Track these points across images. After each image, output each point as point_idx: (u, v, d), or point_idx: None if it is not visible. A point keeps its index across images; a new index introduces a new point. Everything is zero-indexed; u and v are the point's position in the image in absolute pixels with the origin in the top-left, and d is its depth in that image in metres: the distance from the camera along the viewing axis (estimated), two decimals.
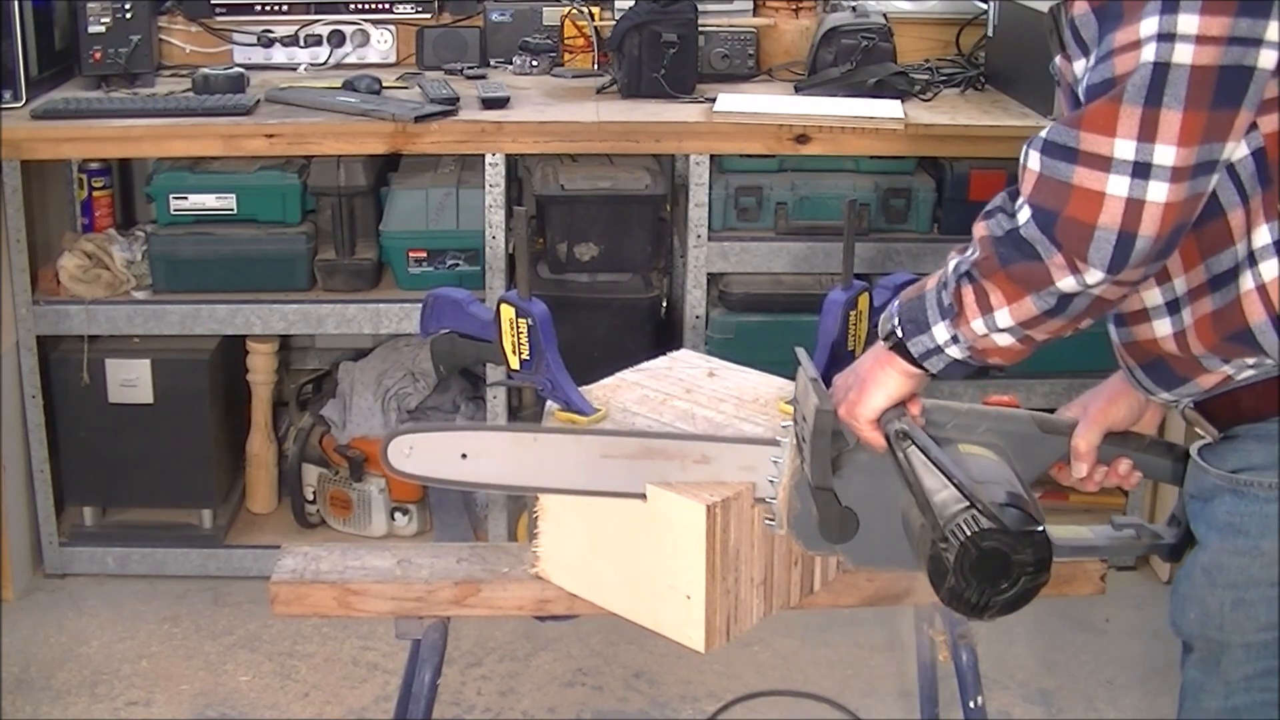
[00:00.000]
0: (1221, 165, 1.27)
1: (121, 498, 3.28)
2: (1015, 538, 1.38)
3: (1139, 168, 1.24)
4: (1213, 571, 1.45)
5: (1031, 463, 1.58)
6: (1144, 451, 1.61)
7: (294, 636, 2.99)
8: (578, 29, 3.50)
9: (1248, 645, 1.44)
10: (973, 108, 3.16)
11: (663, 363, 2.06)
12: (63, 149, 3.04)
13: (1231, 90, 1.23)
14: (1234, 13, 1.21)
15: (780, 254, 3.10)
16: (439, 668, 1.86)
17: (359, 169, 3.10)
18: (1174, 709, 1.56)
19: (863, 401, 1.52)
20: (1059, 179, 1.28)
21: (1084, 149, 1.26)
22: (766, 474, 1.69)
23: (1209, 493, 1.46)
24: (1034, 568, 1.39)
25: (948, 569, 1.39)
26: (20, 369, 3.08)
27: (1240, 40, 1.21)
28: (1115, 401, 1.61)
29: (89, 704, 2.76)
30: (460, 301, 1.95)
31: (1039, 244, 1.31)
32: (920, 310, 1.44)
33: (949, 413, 1.56)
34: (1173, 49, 1.22)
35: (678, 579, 1.71)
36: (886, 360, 1.50)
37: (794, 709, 2.78)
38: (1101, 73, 1.27)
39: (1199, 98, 1.22)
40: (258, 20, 3.47)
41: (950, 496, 1.40)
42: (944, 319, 1.42)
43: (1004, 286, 1.36)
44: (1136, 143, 1.23)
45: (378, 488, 3.29)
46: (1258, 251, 1.34)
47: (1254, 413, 1.41)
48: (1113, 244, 1.26)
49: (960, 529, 1.38)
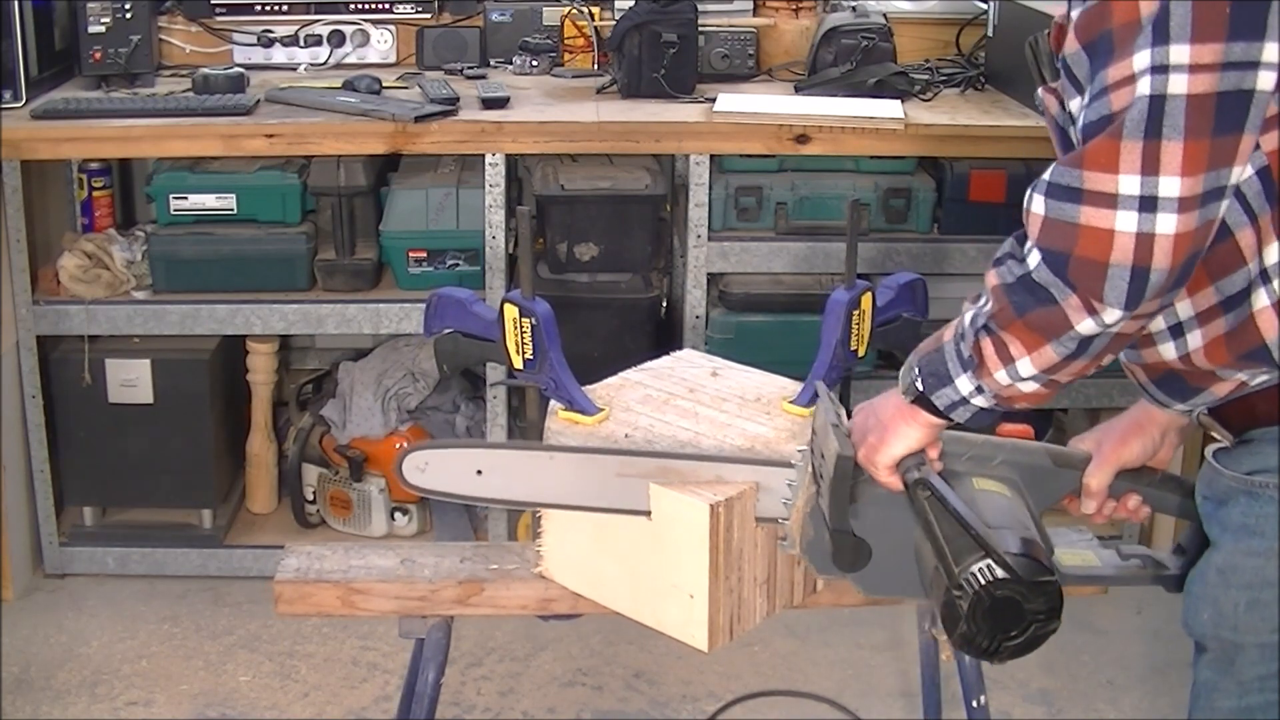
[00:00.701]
0: (1230, 190, 1.26)
1: (121, 498, 3.27)
2: (1028, 587, 1.41)
3: (1146, 201, 1.23)
4: (1227, 572, 1.45)
5: (1044, 495, 1.60)
6: (1155, 488, 1.63)
7: (294, 636, 2.99)
8: (578, 29, 3.50)
9: (1262, 645, 1.44)
10: (973, 108, 3.16)
11: (666, 362, 2.06)
12: (63, 149, 3.04)
13: (1232, 115, 1.22)
14: (1225, 38, 1.20)
15: (780, 254, 3.10)
16: (442, 667, 1.86)
17: (359, 169, 3.10)
18: (1174, 709, 1.56)
19: (883, 449, 1.52)
20: (1066, 220, 1.27)
21: (1088, 188, 1.25)
22: (780, 494, 1.70)
23: (1224, 495, 1.46)
24: (1045, 615, 1.42)
25: (961, 615, 1.41)
26: (20, 369, 3.08)
27: (1236, 65, 1.21)
28: (1128, 441, 1.62)
29: (89, 704, 2.76)
30: (464, 301, 1.96)
31: (1053, 287, 1.30)
32: (940, 363, 1.43)
33: (965, 444, 1.57)
34: (1167, 80, 1.21)
35: (681, 578, 1.72)
36: (910, 414, 1.49)
37: (794, 709, 2.79)
38: (1098, 109, 1.26)
39: (1199, 126, 1.22)
40: (258, 20, 3.47)
41: (965, 545, 1.43)
42: (966, 371, 1.41)
43: (1023, 336, 1.35)
44: (1141, 177, 1.23)
45: (378, 488, 3.29)
46: (1270, 269, 1.34)
47: (1269, 417, 1.41)
48: (1127, 280, 1.25)
49: (975, 578, 1.40)
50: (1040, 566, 1.42)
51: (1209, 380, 1.44)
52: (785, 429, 1.84)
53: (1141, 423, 1.62)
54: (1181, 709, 1.62)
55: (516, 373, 1.91)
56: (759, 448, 1.78)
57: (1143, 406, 1.62)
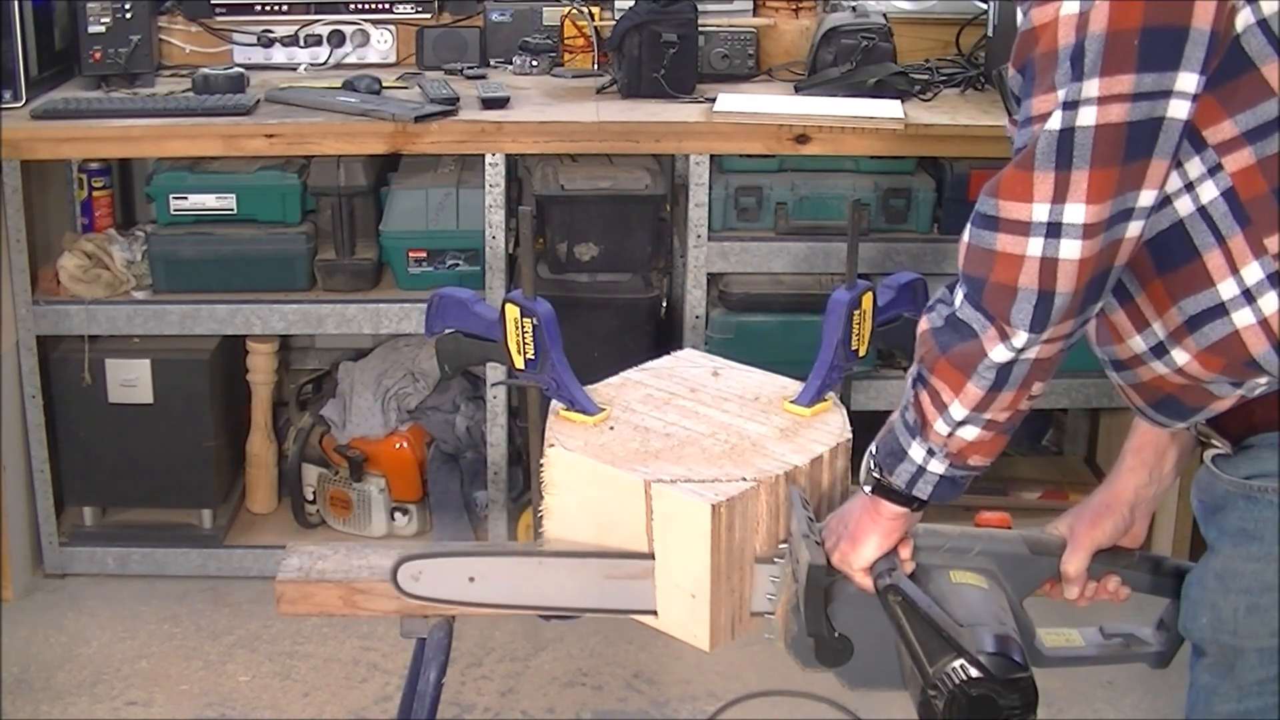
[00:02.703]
0: (1141, 211, 1.29)
1: (121, 498, 3.27)
2: (1003, 684, 1.44)
3: (1052, 228, 1.28)
4: (1225, 577, 1.45)
5: (1023, 583, 1.63)
6: (1132, 569, 1.66)
7: (294, 636, 2.99)
8: (578, 29, 3.50)
9: (1261, 650, 1.44)
10: (973, 108, 3.16)
11: (666, 362, 2.06)
12: (63, 149, 3.04)
13: (1142, 142, 1.26)
14: (1135, 69, 1.24)
15: (780, 254, 3.10)
16: (444, 667, 1.86)
17: (359, 169, 3.10)
18: (1173, 710, 1.57)
19: (855, 553, 1.55)
20: (984, 247, 1.33)
21: (1004, 216, 1.31)
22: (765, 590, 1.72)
23: (1222, 499, 1.45)
24: (1021, 710, 1.46)
25: (936, 714, 1.45)
26: (20, 369, 3.08)
27: (1147, 95, 1.24)
28: (1099, 523, 1.65)
29: (89, 704, 2.76)
30: (465, 301, 1.96)
31: (974, 321, 1.35)
32: (893, 440, 1.48)
33: (941, 536, 1.60)
34: (1076, 114, 1.25)
35: (683, 578, 1.72)
36: (873, 509, 1.53)
37: (794, 709, 2.78)
38: (1024, 138, 1.31)
39: (1108, 155, 1.25)
40: (258, 20, 3.47)
41: (939, 645, 1.46)
42: (915, 437, 1.45)
43: (947, 376, 1.39)
44: (1050, 205, 1.28)
45: (377, 488, 3.29)
46: (1252, 288, 1.35)
47: (1267, 424, 1.41)
48: (1033, 303, 1.30)
49: (948, 678, 1.44)
50: (1013, 664, 1.45)
51: (1206, 398, 1.44)
52: (785, 429, 1.85)
53: (1110, 503, 1.65)
54: (1181, 710, 1.62)
55: (518, 372, 1.92)
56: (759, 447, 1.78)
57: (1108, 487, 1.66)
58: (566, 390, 1.88)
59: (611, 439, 1.82)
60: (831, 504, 1.81)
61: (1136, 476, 1.64)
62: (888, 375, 3.15)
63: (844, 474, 1.86)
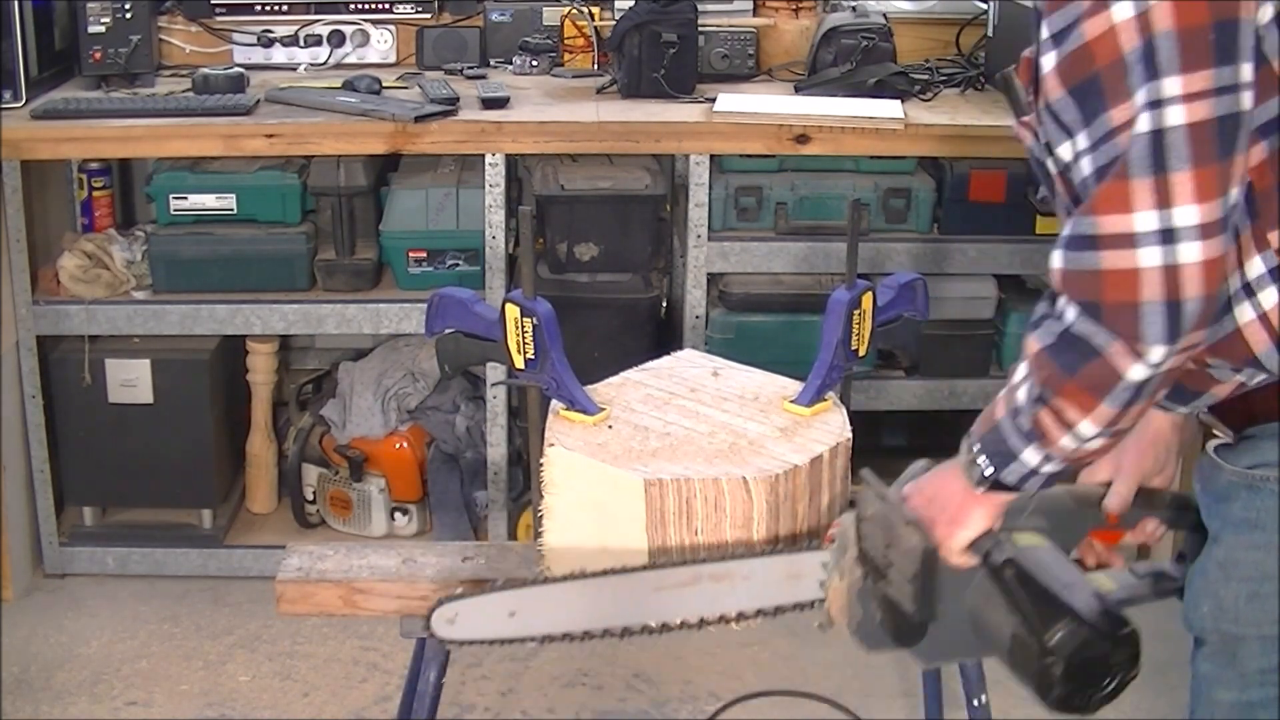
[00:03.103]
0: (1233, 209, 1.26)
1: (121, 498, 3.27)
2: (1113, 642, 1.44)
3: (1165, 234, 1.22)
4: (1228, 566, 1.46)
5: (1070, 537, 1.62)
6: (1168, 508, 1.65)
7: (294, 636, 2.99)
8: (578, 29, 3.50)
9: (1264, 638, 1.45)
10: (973, 108, 3.16)
11: (666, 362, 2.06)
12: (63, 149, 3.04)
13: (1231, 138, 1.23)
14: (1212, 64, 1.21)
15: (780, 254, 3.10)
16: (444, 666, 1.86)
17: (359, 169, 3.10)
18: (1174, 709, 1.57)
19: (955, 536, 1.50)
20: (1086, 269, 1.26)
21: (1104, 233, 1.24)
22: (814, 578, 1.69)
23: (1224, 489, 1.47)
24: (1127, 663, 1.45)
25: (1055, 681, 1.44)
26: (20, 369, 3.07)
27: (1226, 89, 1.22)
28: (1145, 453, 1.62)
29: (89, 704, 2.76)
30: (465, 301, 1.96)
31: (1095, 336, 1.27)
32: (1000, 441, 1.41)
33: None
34: (1163, 114, 1.21)
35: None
36: (979, 499, 1.47)
37: (794, 709, 2.79)
38: (1108, 153, 1.25)
39: (1204, 153, 1.21)
40: (258, 20, 3.47)
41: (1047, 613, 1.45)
42: (1030, 444, 1.38)
43: (1077, 399, 1.32)
44: (1157, 211, 1.22)
45: (377, 488, 3.29)
46: (1253, 282, 1.35)
47: (1268, 414, 1.42)
48: (1163, 315, 1.23)
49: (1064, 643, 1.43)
50: (1119, 619, 1.45)
51: (1208, 383, 1.45)
52: (785, 429, 1.85)
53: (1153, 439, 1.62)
54: (1181, 709, 1.63)
55: (518, 372, 1.92)
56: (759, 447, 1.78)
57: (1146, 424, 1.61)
58: (566, 390, 1.88)
59: (611, 439, 1.82)
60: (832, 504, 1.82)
61: (1170, 418, 1.62)
62: (888, 375, 3.15)
63: (844, 474, 1.86)
